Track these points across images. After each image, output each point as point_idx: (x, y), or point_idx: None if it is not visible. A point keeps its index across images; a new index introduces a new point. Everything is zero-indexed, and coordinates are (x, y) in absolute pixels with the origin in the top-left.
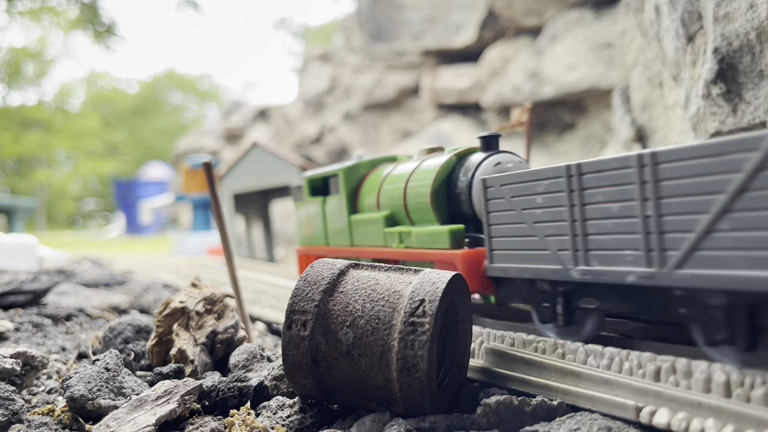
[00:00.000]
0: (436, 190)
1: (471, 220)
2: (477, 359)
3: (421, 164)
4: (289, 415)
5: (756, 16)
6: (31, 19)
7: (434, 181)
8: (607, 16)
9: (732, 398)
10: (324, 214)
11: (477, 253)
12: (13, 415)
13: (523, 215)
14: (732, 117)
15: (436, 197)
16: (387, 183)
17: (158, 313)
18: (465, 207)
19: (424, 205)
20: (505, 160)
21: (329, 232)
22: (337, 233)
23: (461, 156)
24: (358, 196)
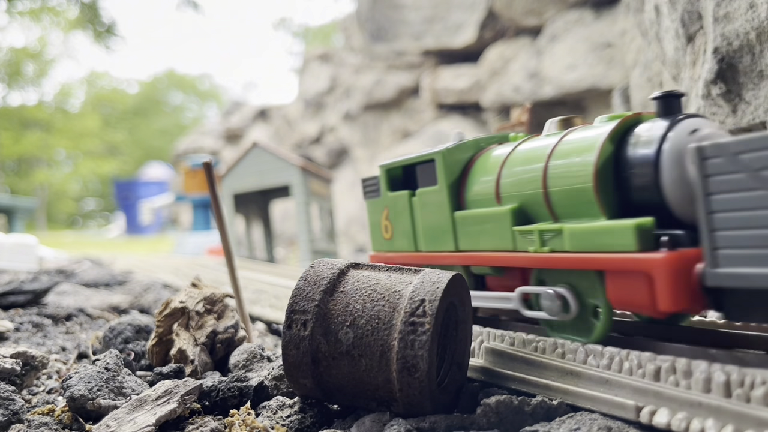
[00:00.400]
0: (601, 170)
1: (654, 210)
2: (477, 359)
3: (563, 138)
4: (289, 415)
5: (756, 16)
6: (31, 19)
7: (598, 159)
8: (607, 16)
9: (732, 398)
10: (411, 210)
11: (685, 256)
12: (13, 415)
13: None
14: (732, 117)
15: (602, 181)
16: (510, 166)
17: (158, 313)
18: (645, 193)
19: (582, 193)
20: (702, 125)
21: (420, 234)
22: (434, 235)
23: (629, 125)
24: (464, 186)
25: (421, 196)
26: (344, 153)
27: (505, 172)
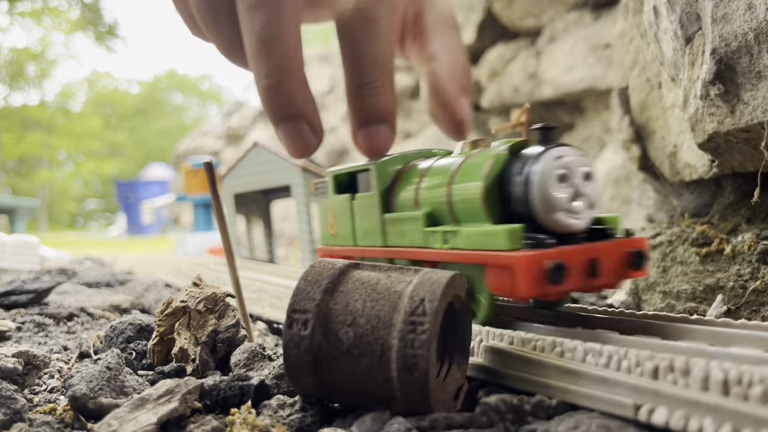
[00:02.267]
0: (490, 185)
1: (526, 218)
2: (476, 357)
3: (468, 158)
4: (290, 414)
5: (754, 17)
6: (33, 21)
7: (487, 176)
8: (606, 17)
9: (730, 396)
10: (352, 212)
11: (539, 255)
12: (15, 414)
13: None
14: (730, 117)
15: (490, 194)
16: (428, 178)
17: (159, 313)
18: (520, 205)
19: (475, 203)
20: (566, 153)
21: (358, 232)
22: (368, 233)
23: (516, 149)
24: (393, 193)
25: (359, 199)
26: (344, 153)
27: (423, 183)
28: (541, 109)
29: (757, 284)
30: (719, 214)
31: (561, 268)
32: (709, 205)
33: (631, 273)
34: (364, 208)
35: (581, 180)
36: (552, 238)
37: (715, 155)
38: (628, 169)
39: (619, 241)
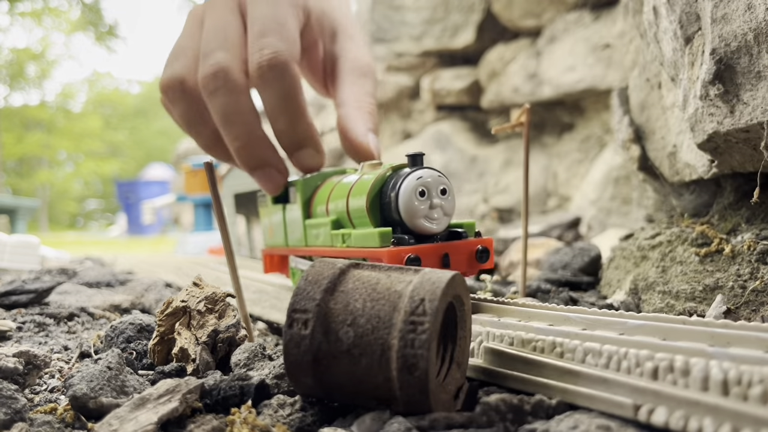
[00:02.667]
0: (372, 199)
1: (398, 224)
2: (476, 358)
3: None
4: (290, 414)
5: (754, 17)
6: (33, 21)
7: (370, 192)
8: (606, 17)
9: (729, 396)
10: (284, 218)
11: (399, 251)
12: (16, 413)
13: None
14: (730, 118)
15: (371, 205)
16: (334, 193)
17: (160, 313)
18: (394, 213)
19: (362, 212)
20: (426, 174)
21: (288, 235)
22: (295, 235)
23: (395, 170)
24: (312, 203)
25: (288, 208)
26: (344, 153)
27: (332, 196)
28: (540, 110)
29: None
30: (719, 214)
31: (416, 260)
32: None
33: (478, 265)
34: (292, 215)
35: (438, 194)
36: (413, 238)
37: (715, 155)
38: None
39: (468, 240)
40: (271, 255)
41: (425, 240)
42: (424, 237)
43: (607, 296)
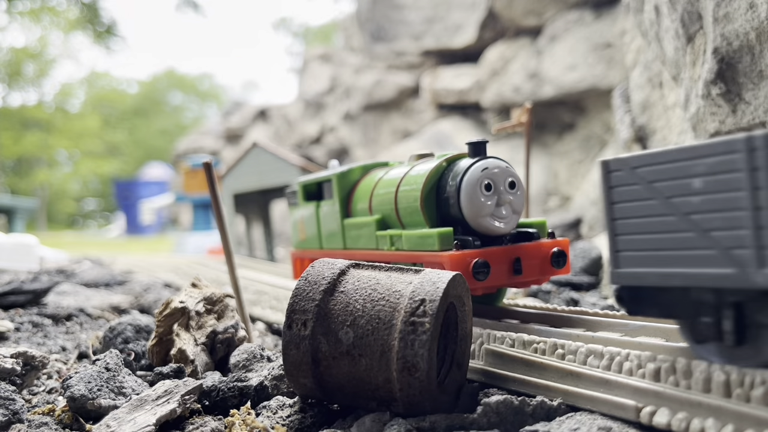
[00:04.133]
0: (426, 194)
1: (459, 222)
2: (477, 360)
3: (411, 169)
4: (289, 415)
5: (756, 16)
6: (32, 20)
7: (424, 186)
8: (607, 16)
9: (732, 398)
10: (318, 217)
11: (464, 255)
12: (14, 414)
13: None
14: (732, 117)
15: (426, 201)
16: (379, 188)
17: (158, 313)
18: (454, 210)
19: (415, 209)
20: (492, 165)
21: (323, 235)
22: (331, 236)
23: (450, 161)
24: (351, 200)
25: (323, 206)
26: (344, 153)
27: (376, 191)
28: (541, 109)
29: None
30: None
31: (484, 265)
32: None
33: (553, 271)
34: (327, 213)
35: (506, 189)
36: (478, 239)
37: None
38: None
39: (541, 242)
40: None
41: (492, 242)
42: (490, 238)
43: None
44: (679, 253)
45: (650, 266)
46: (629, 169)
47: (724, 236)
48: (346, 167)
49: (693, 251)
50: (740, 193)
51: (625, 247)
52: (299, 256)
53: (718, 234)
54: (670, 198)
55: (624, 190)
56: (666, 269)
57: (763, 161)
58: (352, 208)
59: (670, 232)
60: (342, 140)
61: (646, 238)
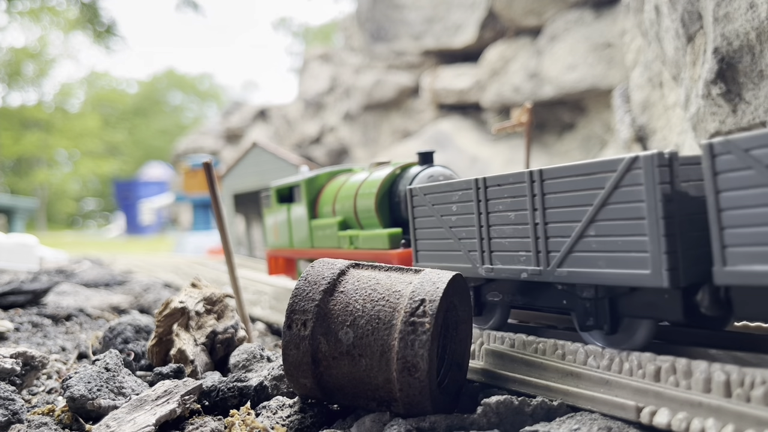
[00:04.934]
0: (380, 199)
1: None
2: (477, 361)
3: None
4: (289, 415)
5: (756, 16)
6: (31, 19)
7: (379, 191)
8: (607, 16)
9: (732, 398)
10: (289, 219)
11: (408, 252)
12: (13, 415)
13: (441, 220)
14: (732, 117)
15: (380, 205)
16: (341, 192)
17: (158, 313)
18: (404, 213)
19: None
20: (437, 173)
21: (294, 235)
22: (300, 236)
23: (403, 169)
24: (318, 203)
25: (294, 208)
26: (344, 153)
27: (339, 196)
28: (541, 109)
29: None
30: None
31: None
32: None
33: None
34: (297, 215)
35: None
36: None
37: None
38: None
39: None
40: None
41: None
42: None
43: None
44: (445, 253)
45: (433, 261)
46: (422, 195)
47: (466, 243)
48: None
49: (451, 252)
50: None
51: (421, 248)
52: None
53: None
54: (441, 216)
55: (419, 209)
56: (440, 264)
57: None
58: (318, 210)
59: (441, 238)
60: (342, 140)
61: (430, 242)
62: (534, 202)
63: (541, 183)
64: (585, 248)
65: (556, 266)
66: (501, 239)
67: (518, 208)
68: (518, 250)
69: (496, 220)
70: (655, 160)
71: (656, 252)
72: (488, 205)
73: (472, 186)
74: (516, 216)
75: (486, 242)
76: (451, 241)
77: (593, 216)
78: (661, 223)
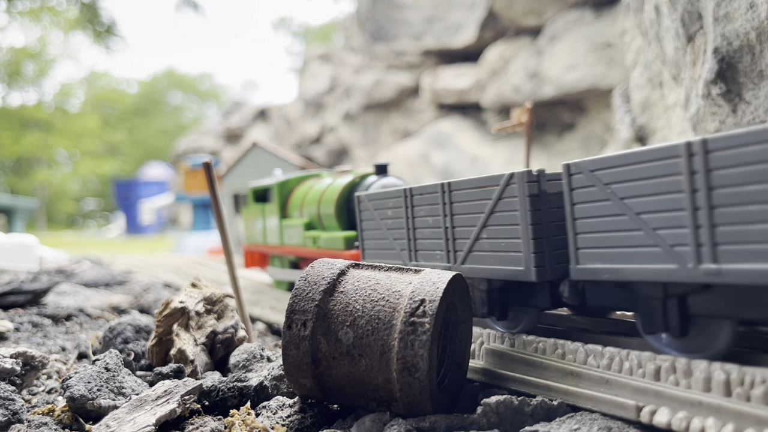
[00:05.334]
0: (340, 204)
1: None
2: (477, 360)
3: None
4: (289, 415)
5: (756, 16)
6: (31, 19)
7: (338, 197)
8: (607, 16)
9: (732, 397)
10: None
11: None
12: (13, 414)
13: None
14: (732, 117)
15: (339, 210)
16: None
17: (158, 313)
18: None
19: (331, 216)
20: (389, 183)
21: (267, 233)
22: (272, 233)
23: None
24: (288, 204)
25: (267, 208)
26: (344, 153)
27: (306, 199)
28: (541, 109)
29: None
30: None
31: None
32: None
33: None
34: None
35: None
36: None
37: None
38: None
39: None
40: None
41: None
42: None
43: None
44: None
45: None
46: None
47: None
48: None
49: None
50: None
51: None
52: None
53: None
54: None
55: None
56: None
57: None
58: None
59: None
60: (342, 140)
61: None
62: (445, 209)
63: (449, 193)
64: (480, 248)
65: (460, 263)
66: (423, 240)
67: (434, 214)
68: (435, 250)
69: (420, 223)
70: (524, 177)
71: (527, 252)
72: (414, 211)
73: (402, 195)
74: (433, 221)
75: (413, 242)
76: (388, 241)
77: (485, 221)
78: (530, 229)
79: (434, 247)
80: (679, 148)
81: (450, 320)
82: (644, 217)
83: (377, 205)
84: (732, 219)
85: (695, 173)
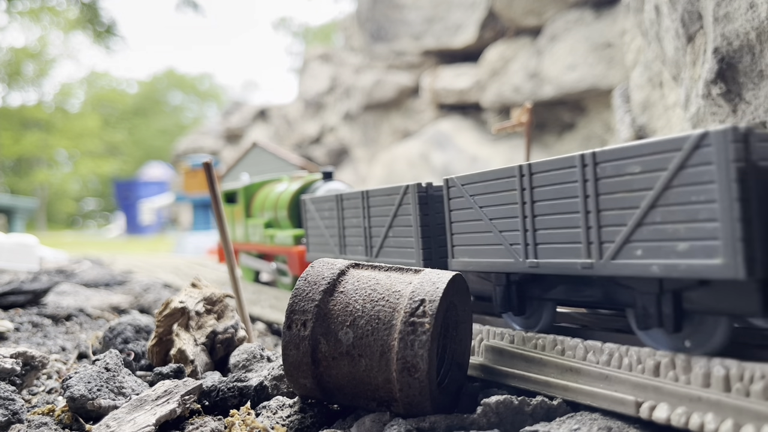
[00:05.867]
0: (292, 206)
1: None
2: (477, 356)
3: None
4: (289, 415)
5: (756, 16)
6: (31, 19)
7: (291, 200)
8: (607, 16)
9: (731, 392)
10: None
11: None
12: (13, 415)
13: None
14: (732, 117)
15: (291, 211)
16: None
17: (158, 313)
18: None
19: (284, 216)
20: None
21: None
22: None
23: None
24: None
25: (235, 209)
26: (344, 153)
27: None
28: (541, 109)
29: None
30: None
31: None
32: None
33: None
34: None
35: None
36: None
37: None
38: None
39: None
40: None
41: None
42: None
43: None
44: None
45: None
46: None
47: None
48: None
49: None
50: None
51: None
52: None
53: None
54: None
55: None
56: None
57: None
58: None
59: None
60: (342, 140)
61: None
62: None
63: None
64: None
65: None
66: (350, 237)
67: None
68: (357, 245)
69: (347, 223)
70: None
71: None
72: (344, 213)
73: (334, 199)
74: (356, 221)
75: (343, 239)
76: (325, 237)
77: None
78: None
79: (357, 243)
80: (514, 170)
81: (450, 320)
82: (494, 222)
83: (318, 207)
84: (544, 225)
85: (524, 189)
